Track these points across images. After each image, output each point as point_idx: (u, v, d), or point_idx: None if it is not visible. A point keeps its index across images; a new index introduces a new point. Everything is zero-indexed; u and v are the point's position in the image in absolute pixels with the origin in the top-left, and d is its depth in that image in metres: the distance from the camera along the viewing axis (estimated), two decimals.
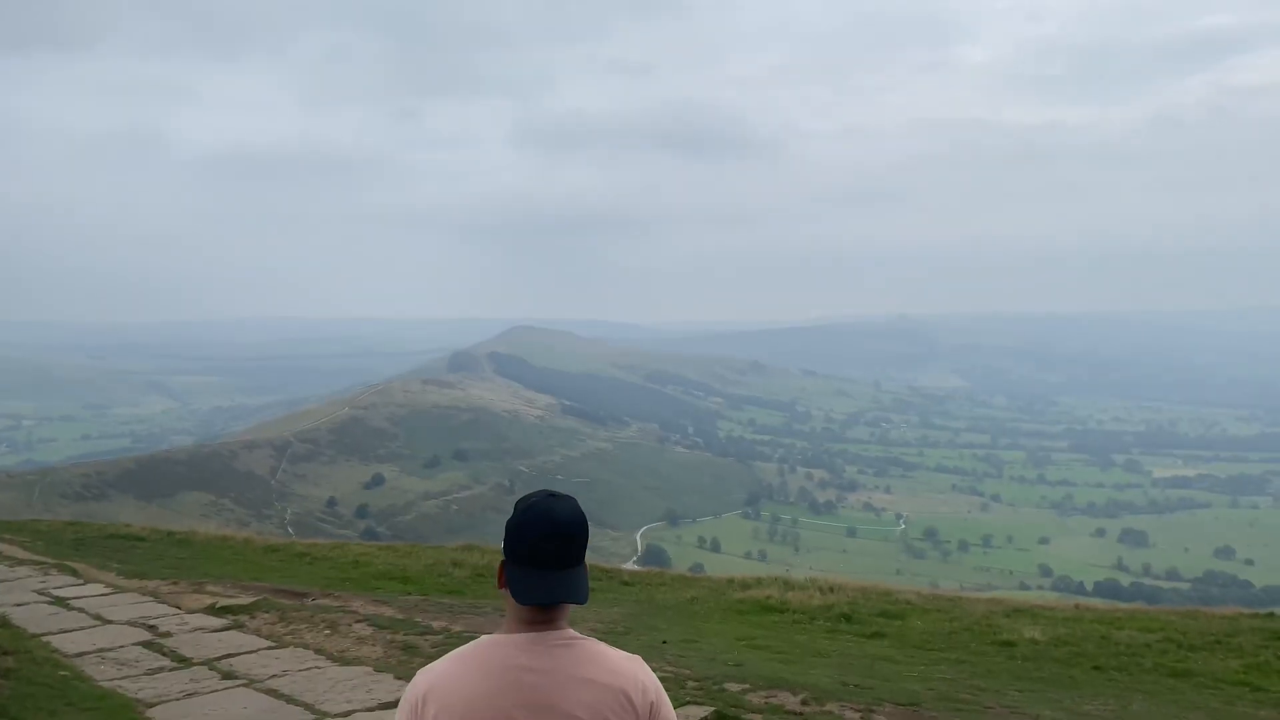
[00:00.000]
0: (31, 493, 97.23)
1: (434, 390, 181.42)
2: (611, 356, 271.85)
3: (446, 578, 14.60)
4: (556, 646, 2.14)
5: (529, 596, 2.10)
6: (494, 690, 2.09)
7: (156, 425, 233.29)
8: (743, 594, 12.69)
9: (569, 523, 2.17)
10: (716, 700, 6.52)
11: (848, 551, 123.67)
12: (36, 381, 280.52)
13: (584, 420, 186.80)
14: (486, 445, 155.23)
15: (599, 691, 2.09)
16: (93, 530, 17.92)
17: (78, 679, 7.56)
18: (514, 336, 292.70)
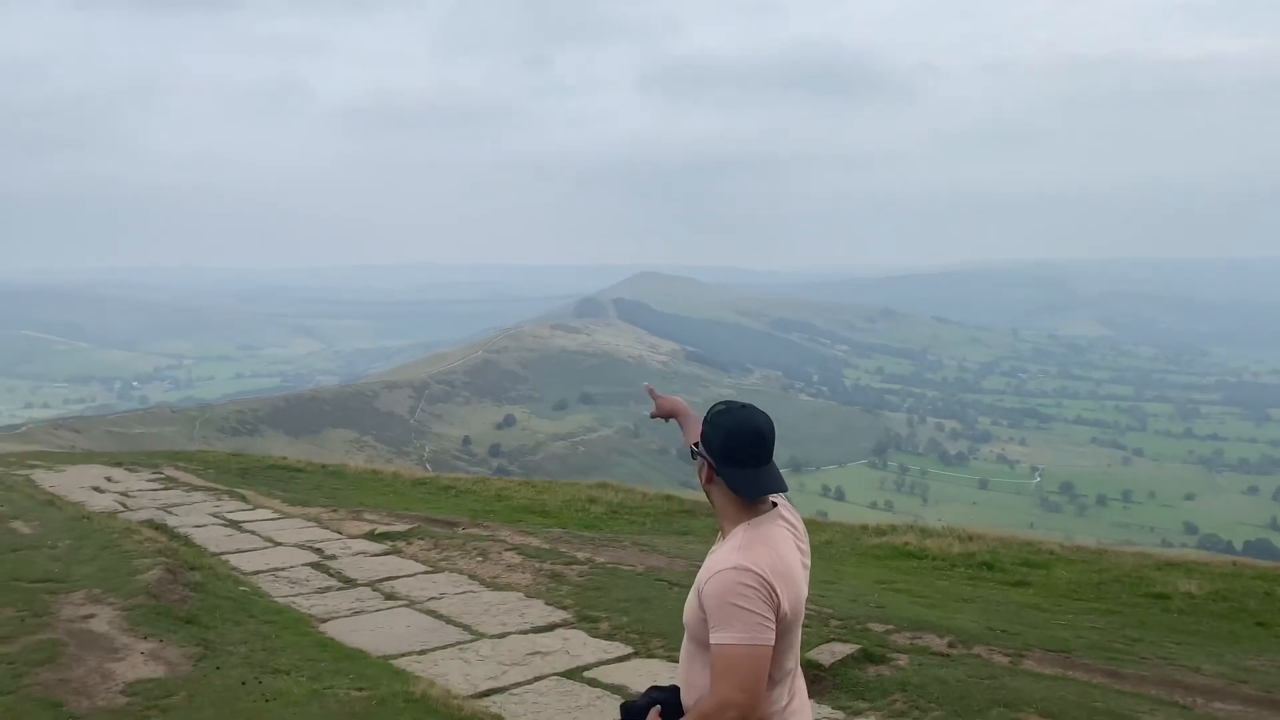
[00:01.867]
0: (193, 427, 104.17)
1: (562, 335, 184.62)
2: (735, 303, 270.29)
3: (584, 513, 15.03)
4: (780, 520, 2.60)
5: (756, 491, 2.48)
6: (792, 559, 2.51)
7: (304, 366, 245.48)
8: (878, 539, 12.64)
9: (768, 426, 2.52)
10: (861, 639, 6.57)
11: (979, 504, 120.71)
12: (194, 323, 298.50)
13: (707, 367, 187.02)
14: (612, 389, 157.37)
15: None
16: (255, 461, 19.13)
17: (256, 594, 8.17)
18: (639, 283, 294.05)
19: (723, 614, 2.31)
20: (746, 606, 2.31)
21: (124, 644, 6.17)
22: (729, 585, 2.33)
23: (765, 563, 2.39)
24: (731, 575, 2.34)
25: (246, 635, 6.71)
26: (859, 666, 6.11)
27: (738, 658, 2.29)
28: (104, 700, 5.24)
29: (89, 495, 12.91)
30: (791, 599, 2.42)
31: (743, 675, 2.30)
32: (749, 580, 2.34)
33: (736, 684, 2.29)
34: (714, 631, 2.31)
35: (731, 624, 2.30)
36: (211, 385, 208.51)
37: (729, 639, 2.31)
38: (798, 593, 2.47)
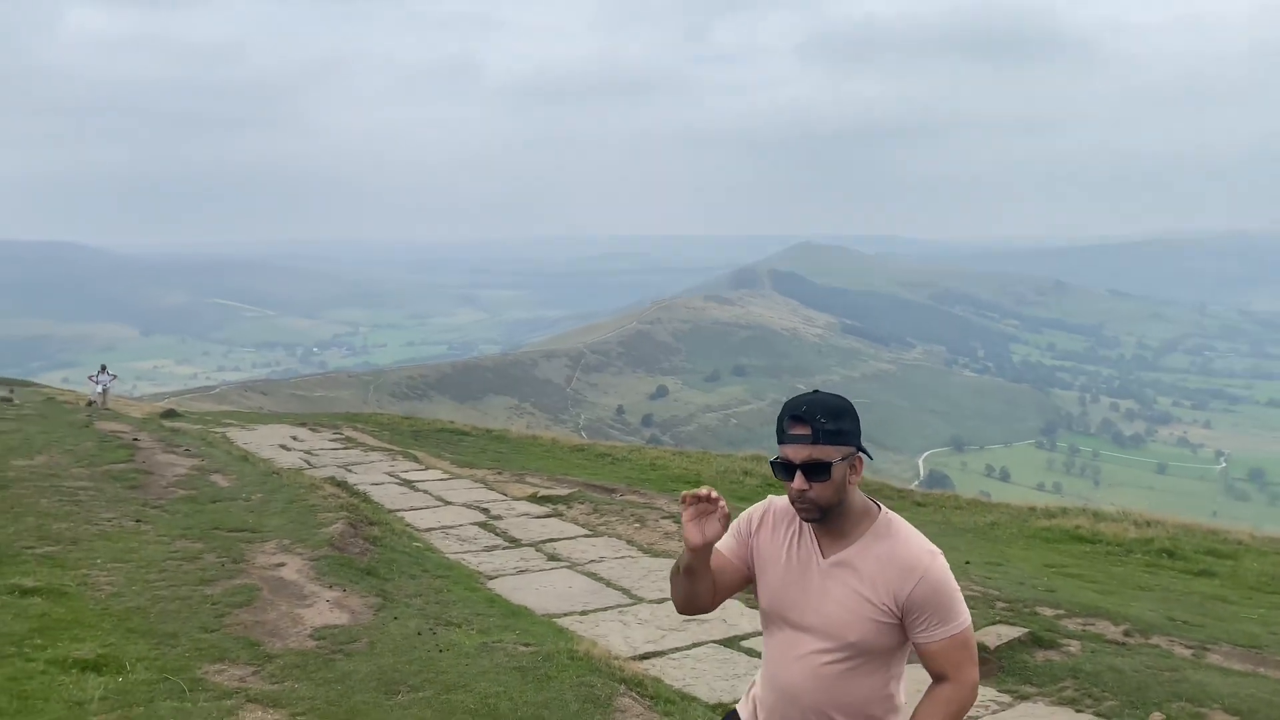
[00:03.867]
0: (367, 391, 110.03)
1: (715, 306, 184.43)
2: (896, 274, 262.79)
3: (738, 484, 15.08)
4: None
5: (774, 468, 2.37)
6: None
7: (468, 334, 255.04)
8: (1047, 522, 12.16)
9: (801, 403, 2.30)
10: (1030, 623, 6.36)
11: (1156, 489, 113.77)
12: (369, 293, 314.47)
13: (865, 340, 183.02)
14: (765, 362, 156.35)
15: None
16: (425, 424, 20.07)
17: (428, 550, 8.61)
18: (795, 253, 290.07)
19: (951, 600, 2.25)
20: (957, 587, 2.29)
21: (311, 591, 6.63)
22: (945, 572, 2.27)
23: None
24: (940, 562, 2.28)
25: (421, 588, 7.08)
26: (1027, 651, 5.92)
27: (972, 638, 2.28)
28: (295, 643, 5.65)
29: (277, 452, 13.87)
30: None
31: (975, 653, 2.30)
32: (947, 564, 2.31)
33: (976, 663, 2.29)
34: (944, 622, 2.23)
35: (960, 606, 2.26)
36: (384, 352, 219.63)
37: (967, 620, 2.27)
38: None
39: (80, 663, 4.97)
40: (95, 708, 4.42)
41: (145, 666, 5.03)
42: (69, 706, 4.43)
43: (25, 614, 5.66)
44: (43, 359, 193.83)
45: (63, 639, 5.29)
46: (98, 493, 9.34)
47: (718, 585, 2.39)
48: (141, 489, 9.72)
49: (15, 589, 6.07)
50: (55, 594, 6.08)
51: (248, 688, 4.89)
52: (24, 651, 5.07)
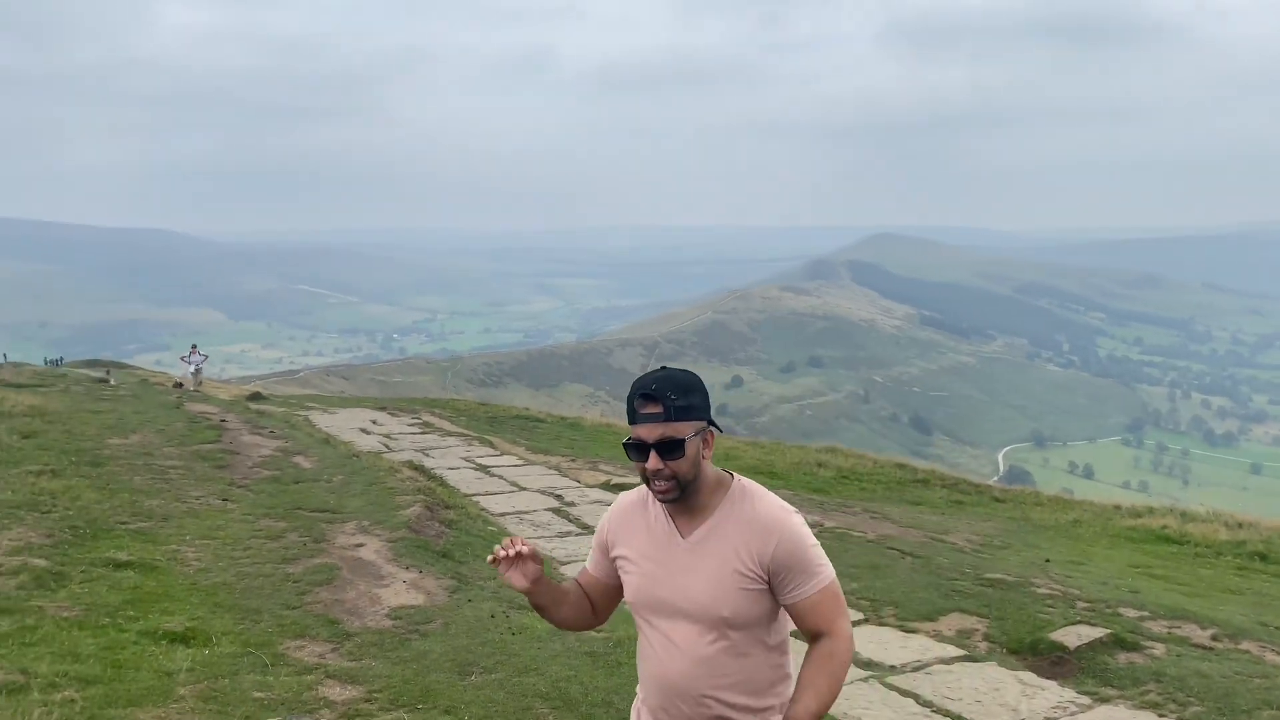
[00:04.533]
0: (444, 376, 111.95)
1: (791, 297, 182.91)
2: (977, 265, 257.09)
3: (811, 476, 14.97)
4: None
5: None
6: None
7: (544, 322, 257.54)
8: (1133, 521, 11.80)
9: (650, 381, 2.23)
10: (1112, 624, 6.18)
11: (1249, 490, 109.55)
12: (448, 281, 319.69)
13: (945, 332, 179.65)
14: (842, 353, 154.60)
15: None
16: (501, 410, 20.33)
17: (503, 534, 8.72)
18: (873, 244, 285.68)
19: (813, 553, 2.21)
20: (816, 541, 2.25)
21: (389, 572, 6.78)
22: (802, 527, 2.24)
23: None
24: (797, 519, 2.24)
25: (494, 572, 7.17)
26: (1108, 652, 5.76)
27: (838, 588, 2.24)
28: (373, 621, 5.79)
29: (357, 436, 14.20)
30: None
31: (845, 604, 2.26)
32: (804, 520, 2.27)
33: (847, 614, 2.25)
34: (810, 577, 2.19)
35: (822, 559, 2.22)
36: (461, 339, 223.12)
37: (831, 572, 2.22)
38: None
39: (169, 634, 5.17)
40: (183, 678, 4.58)
41: (230, 640, 5.21)
42: (159, 676, 4.61)
43: (119, 586, 5.90)
44: (137, 341, 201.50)
45: (153, 611, 5.50)
46: (187, 471, 9.68)
47: (597, 605, 2.40)
48: (228, 469, 10.05)
49: (110, 562, 6.33)
50: (147, 568, 6.33)
51: (326, 664, 5.02)
52: (117, 622, 5.29)
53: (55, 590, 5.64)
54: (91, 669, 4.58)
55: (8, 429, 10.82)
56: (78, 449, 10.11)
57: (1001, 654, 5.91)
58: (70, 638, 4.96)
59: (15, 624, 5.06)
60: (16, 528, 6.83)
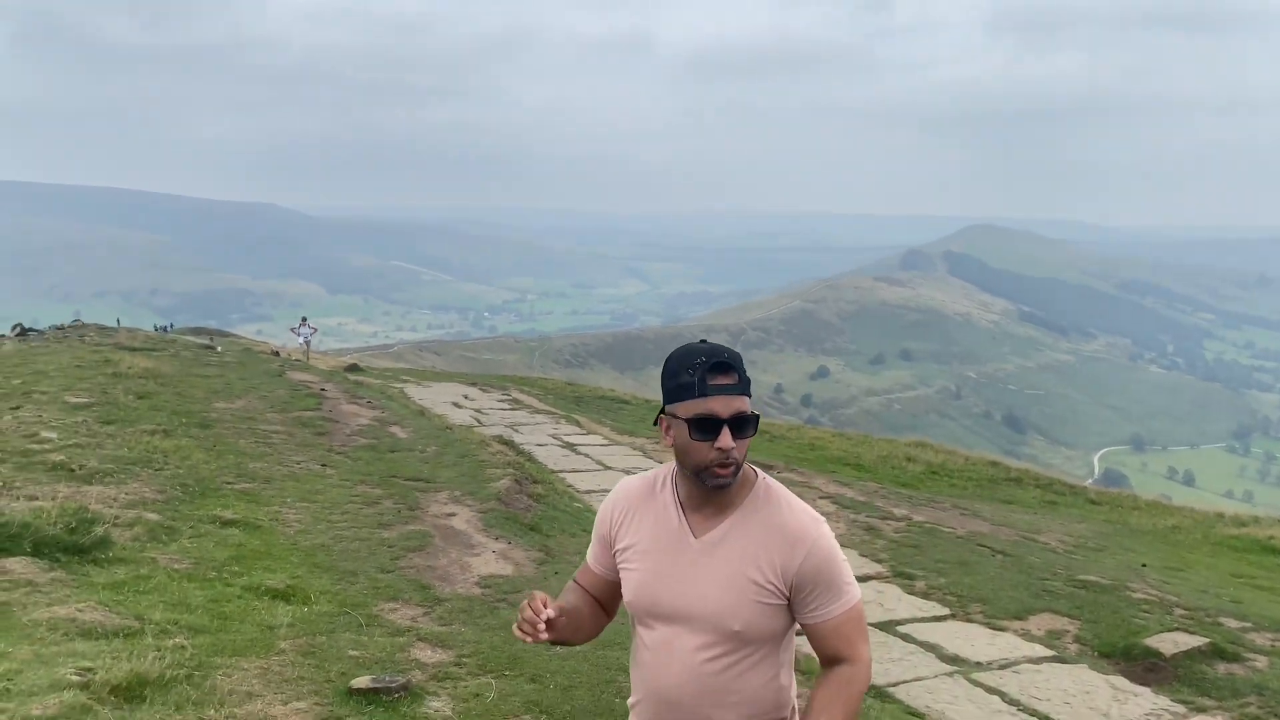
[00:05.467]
0: (532, 356, 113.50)
1: (884, 288, 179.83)
2: (1080, 261, 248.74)
3: (900, 470, 14.75)
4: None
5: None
6: None
7: (631, 305, 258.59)
8: (1236, 530, 11.35)
9: (722, 350, 1.98)
10: (1211, 633, 5.98)
11: None
12: (539, 261, 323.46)
13: (1043, 329, 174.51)
14: (934, 347, 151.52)
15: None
16: (587, 391, 20.53)
17: (588, 511, 8.84)
18: (971, 235, 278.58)
19: (842, 571, 1.98)
20: (844, 556, 2.03)
21: (479, 541, 6.95)
22: (833, 540, 2.00)
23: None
24: (827, 530, 2.01)
25: (580, 546, 7.28)
26: (1207, 661, 5.58)
27: (863, 610, 2.03)
28: (463, 589, 5.95)
29: (450, 409, 14.52)
30: None
31: (867, 629, 2.05)
32: (831, 532, 2.04)
33: (868, 639, 2.04)
34: (836, 596, 1.96)
35: (850, 577, 2.00)
36: (550, 319, 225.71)
37: (858, 592, 2.00)
38: None
39: (271, 591, 5.39)
40: (284, 633, 4.78)
41: (328, 599, 5.41)
42: (261, 630, 4.82)
43: (225, 543, 6.18)
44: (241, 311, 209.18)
45: (256, 568, 5.75)
46: (289, 437, 10.04)
47: (607, 606, 2.17)
48: (328, 435, 10.39)
49: (217, 519, 6.63)
50: (251, 527, 6.61)
51: (418, 627, 5.18)
52: (223, 577, 5.55)
53: (167, 544, 5.93)
54: (200, 619, 4.81)
55: (124, 390, 11.37)
56: (188, 411, 10.58)
57: (1093, 657, 5.78)
58: (180, 588, 5.22)
59: (131, 573, 5.35)
60: (132, 483, 7.19)
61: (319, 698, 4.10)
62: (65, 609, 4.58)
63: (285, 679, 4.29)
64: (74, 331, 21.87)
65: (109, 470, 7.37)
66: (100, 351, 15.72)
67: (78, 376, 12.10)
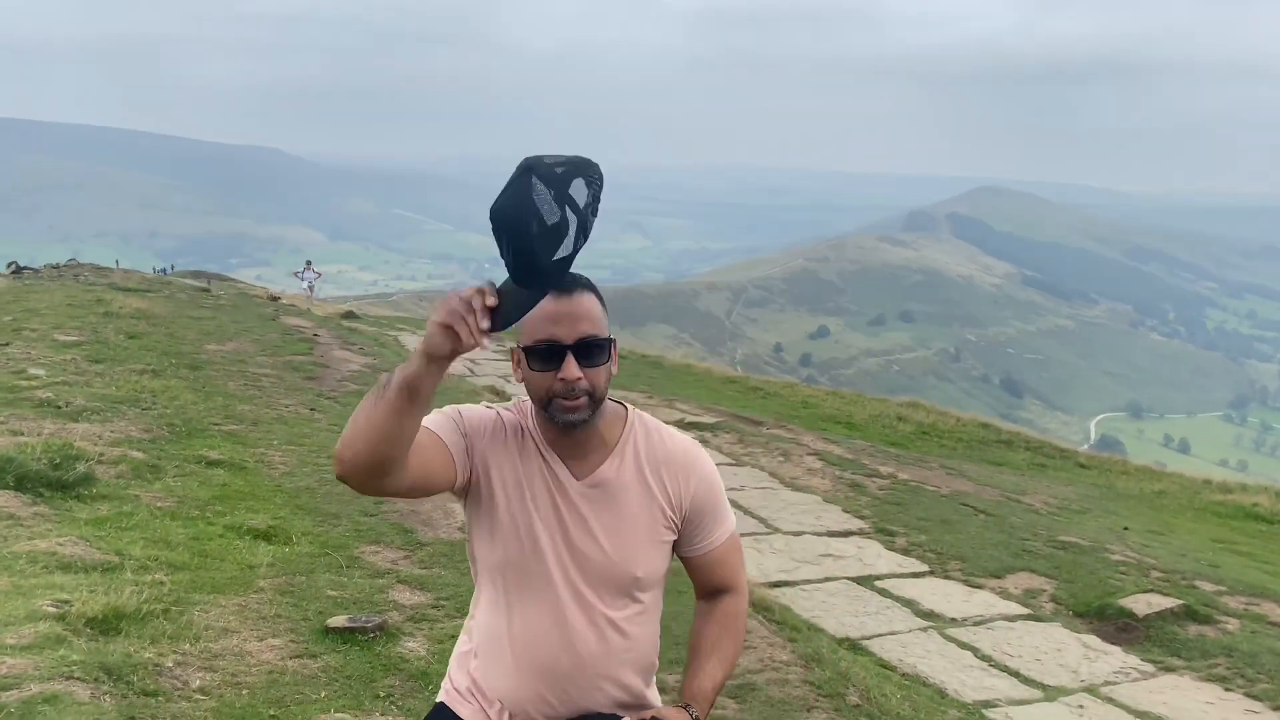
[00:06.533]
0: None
1: (887, 248, 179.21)
2: (1087, 226, 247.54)
3: (890, 430, 14.81)
4: None
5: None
6: None
7: (632, 260, 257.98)
8: (1222, 496, 11.43)
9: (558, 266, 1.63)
10: (1185, 595, 6.04)
11: None
12: None
13: (1045, 293, 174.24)
14: (935, 309, 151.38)
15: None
16: None
17: None
18: (977, 197, 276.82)
19: (724, 495, 1.87)
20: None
21: None
22: (714, 465, 1.88)
23: None
24: (707, 454, 1.88)
25: None
26: (1178, 623, 5.65)
27: (739, 535, 1.91)
28: (444, 533, 5.99)
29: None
30: None
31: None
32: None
33: (744, 564, 1.94)
34: (721, 522, 1.86)
35: (728, 501, 1.90)
36: None
37: (733, 516, 1.90)
38: None
39: (253, 531, 5.43)
40: (264, 571, 4.83)
41: (309, 540, 5.45)
42: (241, 568, 4.87)
43: (209, 483, 6.21)
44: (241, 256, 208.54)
45: (239, 508, 5.79)
46: (278, 380, 10.06)
47: (414, 462, 1.64)
48: (317, 380, 10.41)
49: (202, 459, 6.66)
50: (236, 468, 6.64)
51: (398, 570, 5.23)
52: (206, 515, 5.59)
53: (151, 482, 5.96)
54: (180, 556, 4.85)
55: (115, 329, 11.37)
56: (178, 352, 10.58)
57: (1067, 616, 5.84)
58: (162, 526, 5.26)
59: (114, 509, 5.38)
60: (119, 421, 7.21)
61: (295, 635, 4.15)
62: (46, 542, 4.62)
63: (262, 616, 4.33)
64: (69, 271, 21.83)
65: (96, 408, 7.39)
66: (93, 291, 15.70)
67: (69, 315, 12.09)
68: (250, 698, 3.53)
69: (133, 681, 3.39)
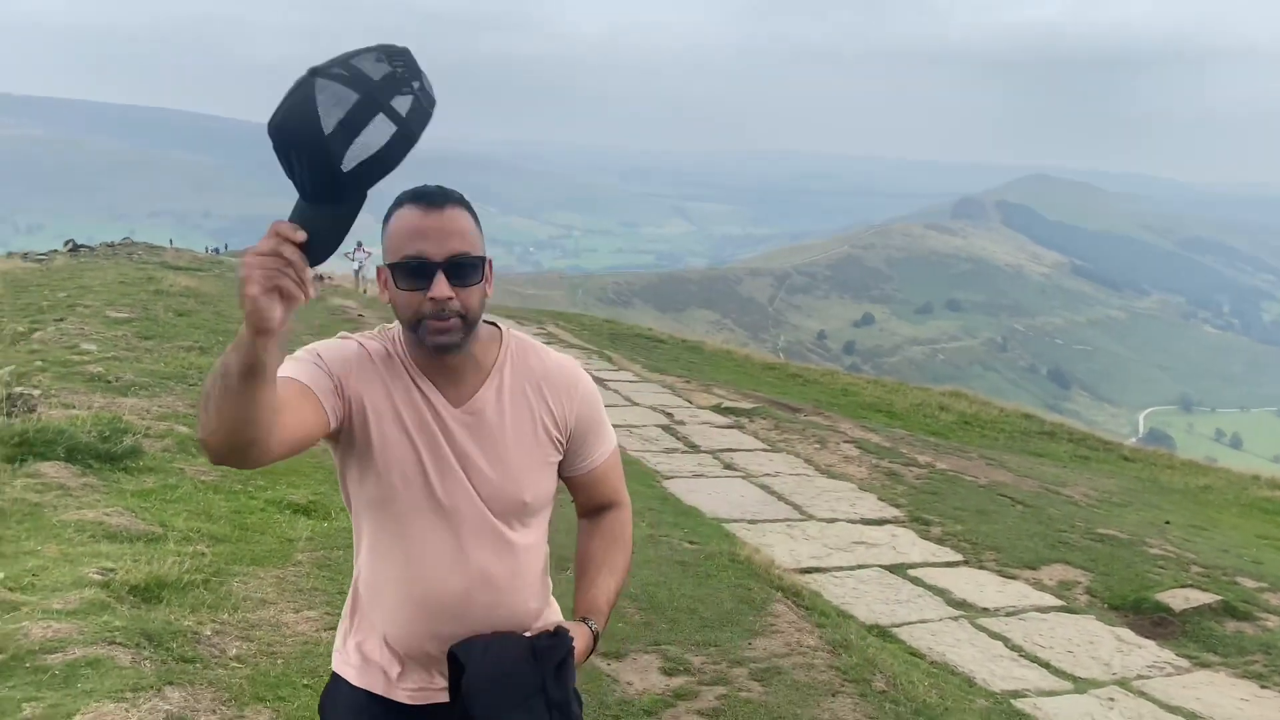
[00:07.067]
0: (575, 293, 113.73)
1: (934, 236, 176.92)
2: (1141, 215, 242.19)
3: (931, 419, 14.66)
4: None
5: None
6: None
7: (676, 246, 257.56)
8: (1271, 493, 11.17)
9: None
10: (1225, 591, 5.95)
11: None
12: (586, 198, 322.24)
13: (1096, 284, 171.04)
14: (982, 298, 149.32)
15: None
16: (624, 328, 20.56)
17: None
18: (1028, 185, 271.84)
19: (604, 413, 1.82)
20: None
21: None
22: (592, 381, 1.83)
23: None
24: (585, 372, 1.83)
25: None
26: (1216, 619, 5.56)
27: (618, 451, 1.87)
28: None
29: None
30: None
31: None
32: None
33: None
34: (604, 438, 1.81)
35: (607, 415, 1.84)
36: (594, 257, 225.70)
37: (614, 437, 1.85)
38: None
39: (293, 505, 5.56)
40: (302, 545, 4.94)
41: (347, 516, 5.53)
42: (280, 541, 4.99)
43: None
44: None
45: (280, 483, 5.92)
46: None
47: (283, 423, 1.48)
48: None
49: None
50: None
51: None
52: (248, 490, 5.72)
53: (195, 456, 6.11)
54: (221, 528, 4.98)
55: (165, 307, 11.62)
56: (225, 330, 10.79)
57: (1101, 609, 5.78)
58: (205, 499, 5.40)
59: (159, 482, 5.54)
60: (166, 396, 7.39)
61: (330, 608, 4.24)
62: (93, 512, 4.76)
63: (299, 589, 4.44)
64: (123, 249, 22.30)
65: (144, 383, 7.58)
66: (145, 269, 16.04)
67: (121, 292, 12.37)
68: (285, 667, 3.63)
69: (172, 648, 3.50)
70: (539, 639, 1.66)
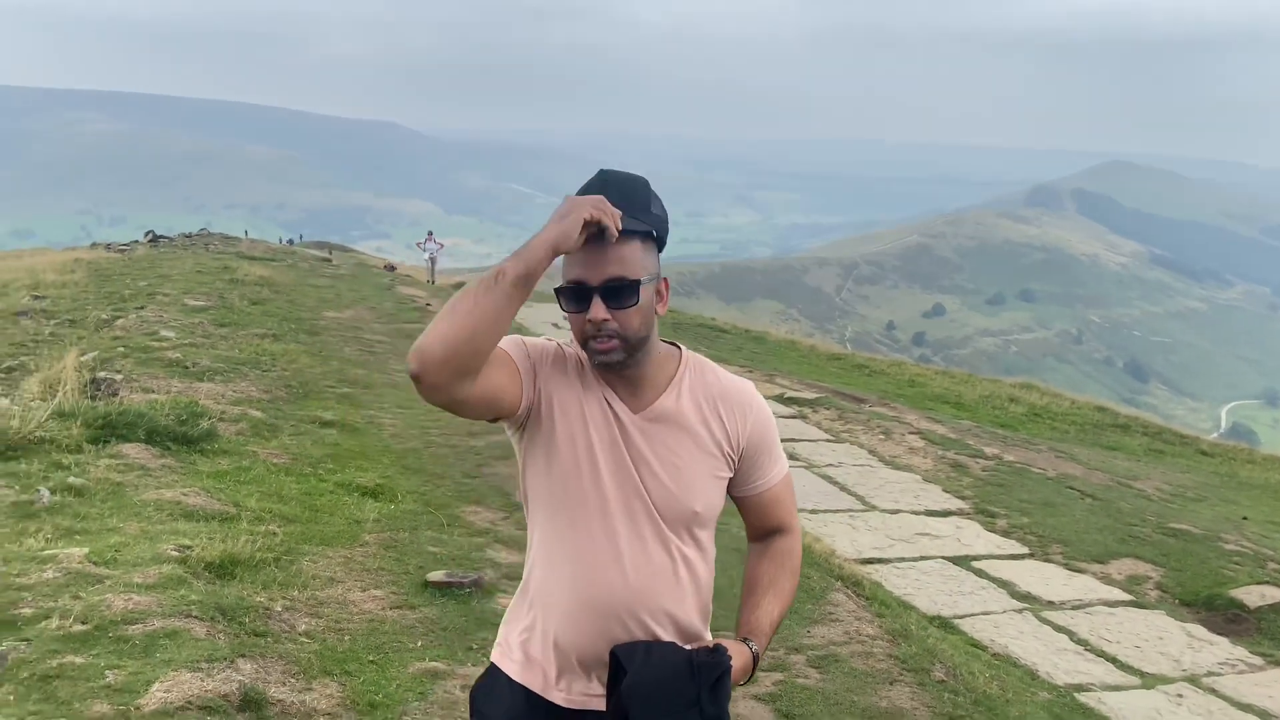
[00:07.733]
0: None
1: (1007, 224, 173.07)
2: (1223, 203, 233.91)
3: (1001, 411, 14.43)
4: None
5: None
6: None
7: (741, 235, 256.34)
8: None
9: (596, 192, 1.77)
10: None
11: None
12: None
13: (1176, 274, 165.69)
14: (1057, 288, 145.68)
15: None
16: (687, 318, 20.61)
17: None
18: (1105, 172, 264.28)
19: (777, 434, 1.86)
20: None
21: None
22: (766, 403, 1.87)
23: None
24: (759, 392, 1.88)
25: None
26: None
27: (791, 476, 1.91)
28: None
29: (548, 329, 14.79)
30: None
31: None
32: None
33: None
34: (776, 461, 1.85)
35: (780, 445, 1.88)
36: None
37: (786, 462, 1.89)
38: None
39: (361, 488, 5.70)
40: (370, 527, 5.07)
41: (414, 499, 5.69)
42: (349, 523, 5.12)
43: (322, 441, 6.52)
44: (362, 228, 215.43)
45: (349, 467, 6.07)
46: (391, 346, 10.43)
47: (488, 374, 1.62)
48: None
49: (316, 420, 6.99)
50: (347, 428, 6.95)
51: (496, 529, 5.41)
52: (318, 472, 5.88)
53: (268, 439, 6.30)
54: (292, 510, 5.13)
55: (240, 295, 11.97)
56: (297, 318, 11.08)
57: (1172, 605, 5.66)
58: (277, 481, 5.56)
59: (233, 464, 5.72)
60: (240, 382, 7.63)
61: (396, 587, 4.36)
62: (171, 492, 4.94)
63: (366, 569, 4.56)
64: (200, 240, 22.97)
65: (220, 369, 7.82)
66: (221, 259, 16.51)
67: (198, 281, 12.77)
68: (351, 644, 3.74)
69: (244, 622, 3.63)
70: (698, 653, 1.68)
